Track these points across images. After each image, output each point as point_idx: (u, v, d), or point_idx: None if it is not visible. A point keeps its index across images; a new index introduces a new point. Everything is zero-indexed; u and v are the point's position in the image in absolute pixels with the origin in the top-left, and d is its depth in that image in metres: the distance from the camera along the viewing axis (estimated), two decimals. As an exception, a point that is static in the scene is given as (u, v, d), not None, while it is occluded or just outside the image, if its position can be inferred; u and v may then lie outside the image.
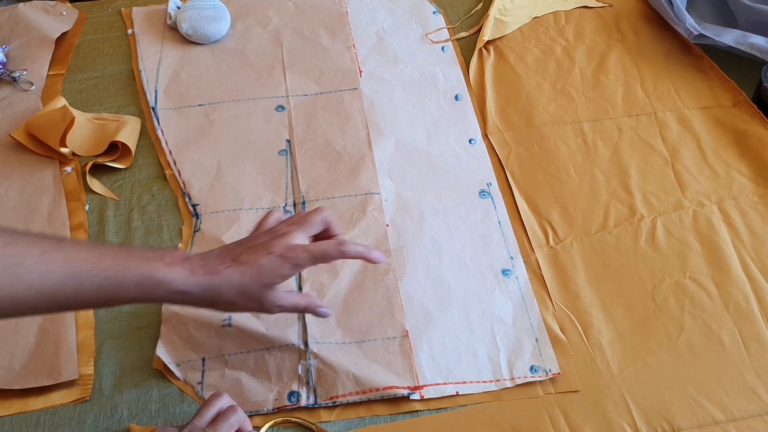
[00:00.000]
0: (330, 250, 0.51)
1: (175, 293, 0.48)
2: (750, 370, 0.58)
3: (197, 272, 0.48)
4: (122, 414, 0.57)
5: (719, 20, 0.91)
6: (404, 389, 0.57)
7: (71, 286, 0.44)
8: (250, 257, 0.50)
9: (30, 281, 0.43)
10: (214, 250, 0.52)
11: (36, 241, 0.44)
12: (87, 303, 0.46)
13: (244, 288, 0.49)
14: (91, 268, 0.44)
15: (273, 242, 0.51)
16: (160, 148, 0.77)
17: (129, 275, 0.46)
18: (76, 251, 0.45)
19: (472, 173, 0.74)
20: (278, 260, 0.50)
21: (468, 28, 0.93)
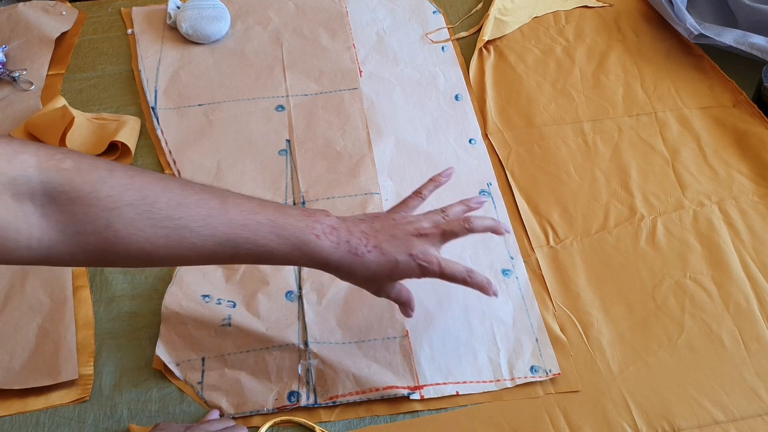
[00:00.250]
0: (458, 275, 0.53)
1: (317, 263, 0.50)
2: (750, 370, 0.58)
3: (341, 248, 0.50)
4: (122, 414, 0.57)
5: (719, 20, 0.91)
6: (404, 389, 0.57)
7: (228, 250, 0.47)
8: (391, 249, 0.51)
9: (193, 244, 0.45)
10: (359, 222, 0.53)
11: (203, 201, 0.46)
12: (240, 261, 0.49)
13: (374, 276, 0.52)
14: (250, 235, 0.47)
15: (416, 242, 0.52)
16: (159, 148, 0.77)
17: (281, 245, 0.48)
18: (238, 215, 0.47)
19: (472, 173, 0.74)
20: (414, 265, 0.51)
21: (468, 28, 0.93)
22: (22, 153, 0.40)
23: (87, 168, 0.42)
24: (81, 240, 0.42)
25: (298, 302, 0.63)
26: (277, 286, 0.64)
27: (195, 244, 0.45)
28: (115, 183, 0.43)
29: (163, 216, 0.44)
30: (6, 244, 0.40)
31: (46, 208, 0.41)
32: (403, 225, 0.53)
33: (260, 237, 0.47)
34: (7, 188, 0.39)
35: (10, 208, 0.40)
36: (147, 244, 0.44)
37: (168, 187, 0.45)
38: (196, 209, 0.45)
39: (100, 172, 0.42)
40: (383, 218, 0.54)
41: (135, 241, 0.43)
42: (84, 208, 0.42)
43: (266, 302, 0.62)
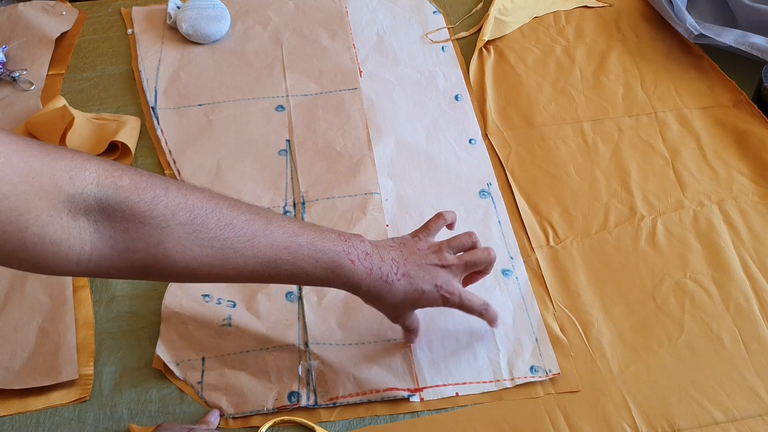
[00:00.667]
0: (477, 306, 0.56)
1: (349, 286, 0.52)
2: (750, 370, 0.58)
3: (373, 274, 0.51)
4: (122, 414, 0.57)
5: (719, 20, 0.91)
6: (404, 391, 0.57)
7: (268, 271, 0.48)
8: (418, 279, 0.53)
9: (236, 264, 0.47)
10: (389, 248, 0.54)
11: (249, 222, 0.47)
12: (276, 281, 0.50)
13: (400, 304, 0.54)
14: (290, 258, 0.48)
15: (441, 273, 0.54)
16: (159, 147, 0.77)
17: (318, 268, 0.49)
18: (281, 237, 0.48)
19: (472, 173, 0.74)
20: (438, 296, 0.54)
21: (468, 28, 0.93)
22: (84, 170, 0.41)
23: (144, 186, 0.43)
24: (130, 256, 0.43)
25: (298, 303, 0.63)
26: (277, 286, 0.64)
27: (238, 264, 0.47)
28: (169, 202, 0.44)
29: (211, 236, 0.45)
30: (57, 259, 0.41)
31: (99, 224, 0.42)
32: (428, 255, 0.55)
33: (299, 259, 0.48)
34: (65, 205, 0.40)
35: (66, 225, 0.41)
36: (193, 262, 0.45)
37: (218, 207, 0.46)
38: (242, 230, 0.47)
39: (156, 190, 0.43)
40: (410, 245, 0.56)
41: (182, 259, 0.45)
42: (137, 226, 0.43)
43: (266, 302, 0.62)
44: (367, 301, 0.54)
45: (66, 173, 0.40)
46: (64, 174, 0.40)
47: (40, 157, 0.40)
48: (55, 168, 0.40)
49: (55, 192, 0.40)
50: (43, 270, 0.42)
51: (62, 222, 0.40)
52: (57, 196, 0.40)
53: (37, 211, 0.39)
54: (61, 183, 0.40)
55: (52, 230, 0.40)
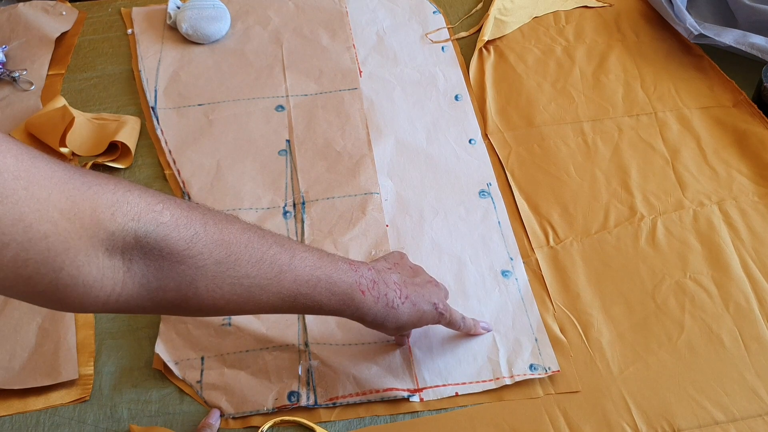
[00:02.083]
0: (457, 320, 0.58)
1: (357, 317, 0.52)
2: (750, 370, 0.58)
3: (380, 302, 0.51)
4: (122, 414, 0.57)
5: (719, 20, 0.91)
6: (404, 392, 0.57)
7: (287, 305, 0.48)
8: (420, 300, 0.54)
9: (260, 301, 0.46)
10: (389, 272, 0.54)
11: (276, 258, 0.46)
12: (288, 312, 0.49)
13: (404, 326, 0.53)
14: (309, 292, 0.48)
15: (435, 292, 0.56)
16: (159, 148, 0.77)
17: (332, 300, 0.49)
18: (303, 271, 0.47)
19: (472, 173, 0.74)
20: (435, 313, 0.55)
21: (468, 28, 0.93)
22: (126, 203, 0.38)
23: (184, 223, 0.41)
24: (159, 295, 0.42)
25: (298, 302, 0.63)
26: None
27: (261, 300, 0.46)
28: (207, 240, 0.42)
29: (242, 274, 0.44)
30: (85, 300, 0.38)
31: (133, 262, 0.40)
32: (420, 274, 0.57)
33: (317, 293, 0.48)
34: (103, 243, 0.38)
35: (101, 266, 0.38)
36: (221, 300, 0.44)
37: (251, 243, 0.45)
38: (270, 266, 0.46)
39: (196, 227, 0.42)
40: (402, 264, 0.57)
41: (210, 298, 0.44)
42: (173, 265, 0.41)
43: (266, 302, 0.62)
44: (368, 326, 0.53)
45: (108, 209, 0.37)
46: (106, 210, 0.37)
47: (82, 190, 0.37)
48: (98, 203, 0.37)
49: (96, 230, 0.37)
50: (63, 308, 0.39)
51: (98, 262, 0.38)
52: (97, 234, 0.37)
53: (75, 251, 0.36)
54: (102, 219, 0.37)
55: (86, 271, 0.37)
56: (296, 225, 0.69)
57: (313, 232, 0.68)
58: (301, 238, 0.68)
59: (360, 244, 0.67)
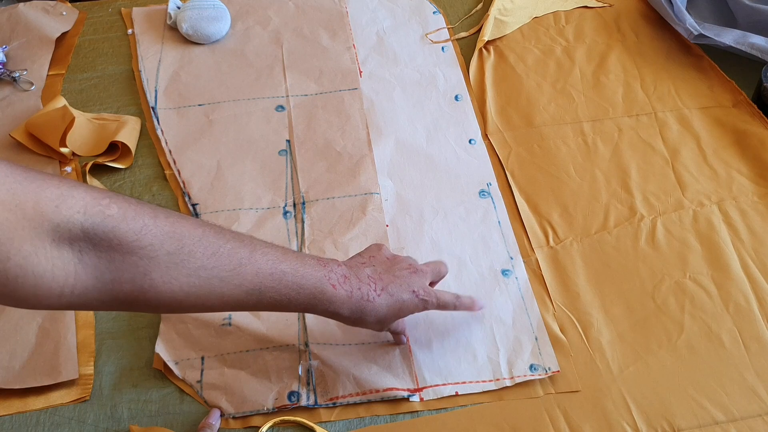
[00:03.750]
0: (450, 301, 0.57)
1: (331, 312, 0.51)
2: (750, 370, 0.58)
3: (354, 296, 0.51)
4: (122, 414, 0.57)
5: (719, 20, 0.91)
6: (404, 391, 0.57)
7: (253, 299, 0.47)
8: (397, 290, 0.53)
9: (222, 292, 0.46)
10: (362, 266, 0.54)
11: (234, 250, 0.46)
12: (258, 309, 0.50)
13: (385, 317, 0.53)
14: (274, 284, 0.48)
15: (415, 279, 0.55)
16: (160, 148, 0.77)
17: (301, 294, 0.49)
18: (265, 264, 0.48)
19: (472, 173, 0.74)
20: (417, 300, 0.54)
21: (468, 28, 0.93)
22: (71, 197, 0.39)
23: (132, 215, 0.42)
24: (115, 287, 0.42)
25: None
26: None
27: (223, 293, 0.46)
28: (157, 231, 0.43)
29: (198, 265, 0.44)
30: (39, 292, 0.39)
31: (84, 254, 0.40)
32: (398, 263, 0.56)
33: (283, 286, 0.48)
34: (49, 234, 0.38)
35: (49, 256, 0.39)
36: (180, 292, 0.44)
37: (205, 235, 0.45)
38: (228, 258, 0.46)
39: (145, 219, 0.42)
40: (379, 257, 0.56)
41: (168, 290, 0.44)
42: (124, 256, 0.41)
43: (266, 302, 0.62)
44: (350, 324, 0.53)
45: (52, 201, 0.38)
46: (50, 202, 0.38)
47: (24, 184, 0.38)
48: (40, 195, 0.38)
49: (40, 220, 0.38)
50: (23, 303, 0.40)
51: (46, 252, 0.38)
52: (41, 225, 0.38)
53: (19, 241, 0.37)
54: (46, 211, 0.38)
55: (35, 261, 0.38)
56: (296, 225, 0.69)
57: (314, 232, 0.68)
58: (302, 238, 0.68)
59: (360, 244, 0.67)
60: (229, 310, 0.49)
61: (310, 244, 0.67)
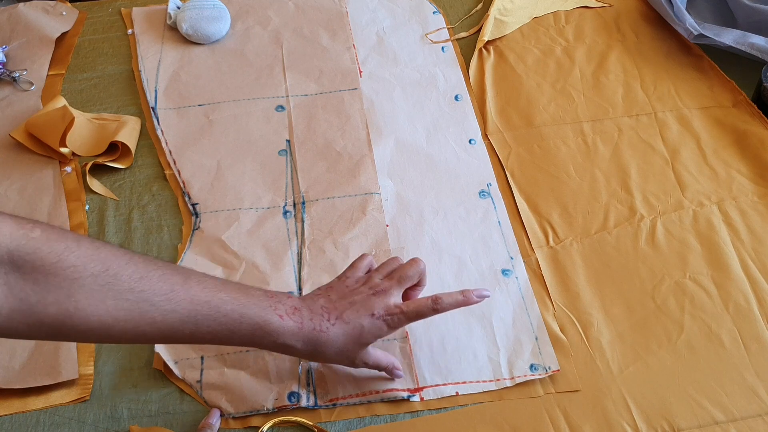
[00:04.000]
0: (425, 310, 0.53)
1: (281, 345, 0.50)
2: (750, 370, 0.58)
3: (305, 327, 0.50)
4: (122, 414, 0.57)
5: (719, 20, 0.91)
6: (404, 392, 0.57)
7: (189, 327, 0.46)
8: (353, 316, 0.51)
9: (153, 318, 0.45)
10: (317, 297, 0.53)
11: (166, 276, 0.46)
12: (198, 342, 0.48)
13: (345, 347, 0.51)
14: (211, 312, 0.46)
15: (374, 301, 0.52)
16: (160, 148, 0.77)
17: (243, 324, 0.48)
18: (201, 291, 0.47)
19: (472, 173, 0.74)
20: (379, 323, 0.52)
21: (468, 28, 0.93)
22: None
23: (55, 238, 0.42)
24: (41, 310, 0.42)
25: (298, 302, 0.63)
26: (277, 286, 0.64)
27: (155, 319, 0.45)
28: (81, 253, 0.42)
29: (125, 288, 0.43)
30: None
31: (9, 276, 0.41)
32: (357, 289, 0.54)
33: (222, 315, 0.47)
34: None
35: None
36: (107, 316, 0.43)
37: (132, 261, 0.45)
38: (159, 283, 0.45)
39: (68, 242, 0.42)
40: (338, 287, 0.54)
41: (94, 313, 0.43)
42: (47, 277, 0.41)
43: (266, 302, 0.62)
44: (310, 359, 0.52)
45: None
46: None
47: None
48: None
49: None
50: None
51: None
52: None
53: None
54: None
55: None
56: (296, 225, 0.69)
57: (313, 232, 0.68)
58: (302, 238, 0.68)
59: (360, 244, 0.67)
60: (167, 341, 0.47)
61: (310, 243, 0.67)
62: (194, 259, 0.66)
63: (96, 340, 0.46)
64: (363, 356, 0.53)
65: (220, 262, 0.66)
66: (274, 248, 0.67)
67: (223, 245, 0.67)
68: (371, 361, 0.54)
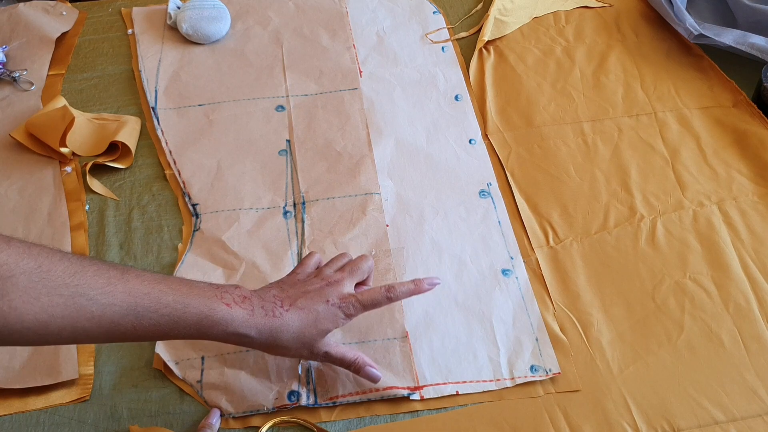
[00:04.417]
0: (379, 298, 0.53)
1: (233, 334, 0.49)
2: (750, 370, 0.58)
3: (256, 314, 0.49)
4: (122, 414, 0.57)
5: (719, 20, 0.91)
6: (404, 390, 0.57)
7: (130, 320, 0.45)
8: (308, 303, 0.51)
9: (92, 313, 0.44)
10: (269, 289, 0.53)
11: (102, 271, 0.45)
12: (144, 336, 0.47)
13: (301, 333, 0.51)
14: (151, 304, 0.46)
15: (328, 290, 0.53)
16: (160, 148, 0.77)
17: (187, 313, 0.47)
18: (140, 284, 0.46)
19: (472, 173, 0.74)
20: (334, 309, 0.52)
21: (468, 28, 0.93)
22: None
23: None
24: None
25: (298, 302, 0.63)
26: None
27: (93, 313, 0.44)
28: (11, 251, 0.42)
29: (59, 283, 0.43)
30: None
31: None
32: (310, 280, 0.54)
33: (163, 305, 0.46)
34: None
35: None
36: (42, 313, 0.42)
37: (65, 257, 0.44)
38: (94, 278, 0.44)
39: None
40: (288, 280, 0.54)
41: (30, 311, 0.42)
42: None
43: (266, 302, 0.62)
44: (266, 349, 0.51)
45: None
46: None
47: None
48: None
49: None
50: None
51: None
52: None
53: None
54: None
55: None
56: (296, 225, 0.69)
57: (314, 232, 0.68)
58: (302, 238, 0.68)
59: (360, 244, 0.67)
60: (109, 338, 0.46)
61: (310, 244, 0.67)
62: (195, 260, 0.66)
63: (36, 341, 0.44)
64: (324, 346, 0.53)
65: (220, 263, 0.66)
66: (275, 248, 0.67)
67: (224, 246, 0.67)
68: (335, 352, 0.54)
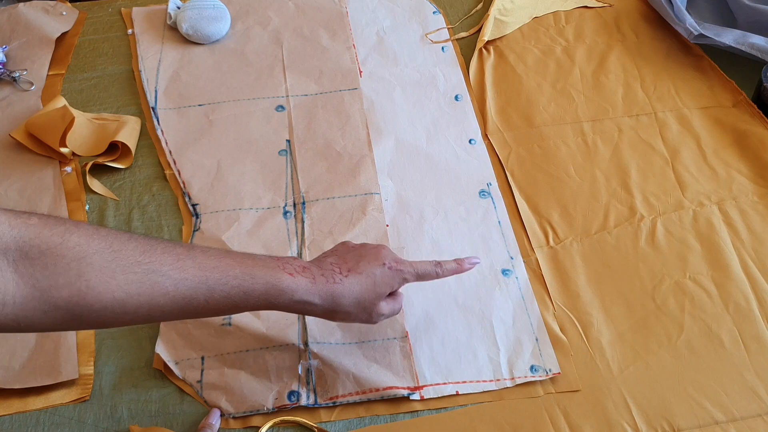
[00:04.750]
0: (430, 269, 0.55)
1: (298, 302, 0.50)
2: (750, 370, 0.58)
3: (318, 281, 0.50)
4: (122, 414, 0.57)
5: (719, 20, 0.91)
6: (404, 390, 0.57)
7: (202, 293, 0.46)
8: (366, 267, 0.52)
9: (166, 288, 0.45)
10: (324, 257, 0.53)
11: (169, 248, 0.46)
12: (215, 310, 0.48)
13: (362, 296, 0.52)
14: (221, 276, 0.47)
15: (384, 252, 0.54)
16: (160, 148, 0.77)
17: (255, 284, 0.48)
18: (207, 259, 0.47)
19: (472, 173, 0.74)
20: (390, 272, 0.53)
21: (468, 28, 0.93)
22: None
23: (53, 222, 0.43)
24: (54, 294, 0.42)
25: (298, 302, 0.63)
26: None
27: (168, 289, 0.45)
28: (81, 233, 0.43)
29: (132, 261, 0.44)
30: None
31: (18, 263, 0.41)
32: (363, 246, 0.55)
33: (232, 277, 0.47)
34: None
35: None
36: (119, 291, 0.43)
37: (132, 237, 0.45)
38: (164, 255, 0.45)
39: (67, 225, 0.43)
40: (341, 248, 0.55)
41: (107, 290, 0.43)
42: (55, 259, 0.42)
43: (266, 302, 0.62)
44: (327, 315, 0.52)
45: None
46: None
47: None
48: None
49: None
50: None
51: None
52: None
53: None
54: None
55: None
56: (296, 225, 0.69)
57: (314, 232, 0.68)
58: (302, 238, 0.68)
59: (360, 244, 0.67)
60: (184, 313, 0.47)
61: (310, 244, 0.67)
62: (194, 259, 0.66)
63: (113, 321, 0.45)
64: (380, 308, 0.54)
65: (220, 262, 0.66)
66: (275, 248, 0.67)
67: (224, 246, 0.67)
68: (388, 310, 0.55)
